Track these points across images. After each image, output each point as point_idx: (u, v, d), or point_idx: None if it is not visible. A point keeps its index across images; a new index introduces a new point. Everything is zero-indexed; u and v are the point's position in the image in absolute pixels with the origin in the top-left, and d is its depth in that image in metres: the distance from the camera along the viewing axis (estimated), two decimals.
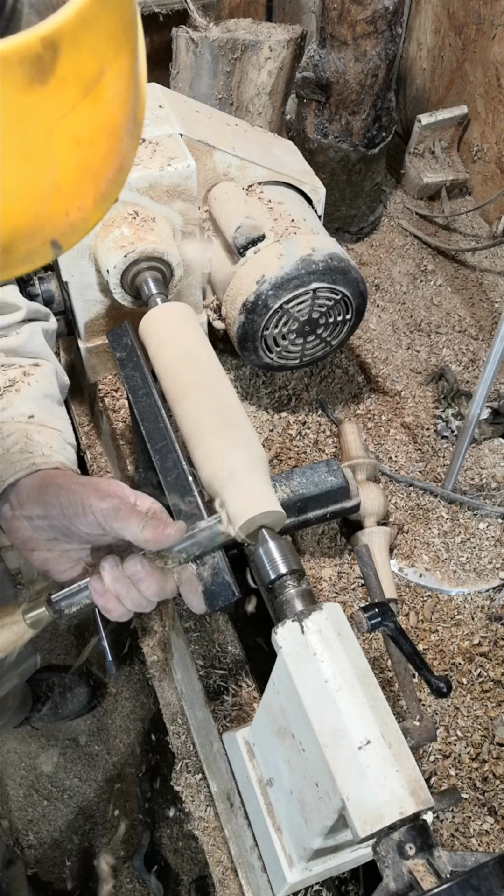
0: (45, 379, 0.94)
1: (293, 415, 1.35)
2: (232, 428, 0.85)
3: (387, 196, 1.88)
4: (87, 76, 0.34)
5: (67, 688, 2.03)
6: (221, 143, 1.21)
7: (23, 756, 2.01)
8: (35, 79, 0.32)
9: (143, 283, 1.06)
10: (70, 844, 1.85)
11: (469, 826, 0.98)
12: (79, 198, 0.38)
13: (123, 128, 0.39)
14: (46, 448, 0.84)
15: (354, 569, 1.18)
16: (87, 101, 0.35)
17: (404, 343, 1.56)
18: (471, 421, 1.17)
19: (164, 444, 0.86)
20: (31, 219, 0.36)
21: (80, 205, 0.38)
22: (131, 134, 0.40)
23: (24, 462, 0.81)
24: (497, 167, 1.76)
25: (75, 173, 0.37)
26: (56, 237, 0.38)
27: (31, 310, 1.00)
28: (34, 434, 0.86)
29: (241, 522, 0.75)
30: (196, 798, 1.07)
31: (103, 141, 0.37)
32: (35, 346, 0.97)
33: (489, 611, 1.16)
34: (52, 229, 0.37)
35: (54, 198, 0.36)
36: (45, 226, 0.37)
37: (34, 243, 0.37)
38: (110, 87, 0.36)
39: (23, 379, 0.92)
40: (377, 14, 1.38)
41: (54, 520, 0.75)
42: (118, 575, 0.73)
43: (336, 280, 1.18)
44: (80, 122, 0.35)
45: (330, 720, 0.66)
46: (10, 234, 0.35)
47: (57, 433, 0.89)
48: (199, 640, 1.07)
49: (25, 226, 0.36)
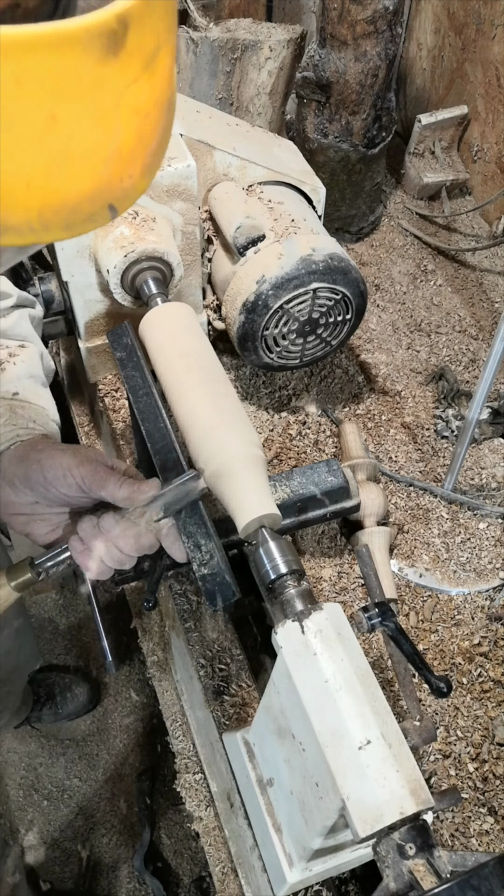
0: (30, 360, 0.98)
1: (293, 415, 1.35)
2: (232, 428, 0.85)
3: (387, 196, 1.88)
4: (148, 51, 0.39)
5: (67, 688, 2.03)
6: (221, 143, 1.21)
7: (23, 756, 2.01)
8: (109, 51, 0.36)
9: (144, 283, 1.06)
10: (70, 844, 1.85)
11: (469, 826, 0.98)
12: (132, 165, 0.42)
13: (169, 103, 0.44)
14: (30, 422, 0.88)
15: (354, 569, 1.18)
16: (147, 74, 0.39)
17: (404, 343, 1.56)
18: (471, 421, 1.17)
19: (164, 444, 0.86)
20: (96, 181, 0.40)
21: (132, 172, 0.42)
22: (171, 111, 0.45)
23: (7, 434, 0.85)
24: (497, 167, 1.76)
25: (133, 141, 0.41)
26: (112, 201, 0.42)
27: (20, 297, 1.04)
28: (18, 409, 0.90)
29: (244, 523, 0.76)
30: (196, 798, 1.07)
31: (155, 113, 0.42)
32: (22, 329, 1.02)
33: (489, 611, 1.16)
34: (110, 194, 0.41)
35: (115, 163, 0.40)
36: (105, 189, 0.41)
37: (96, 205, 0.41)
38: (163, 63, 0.40)
39: (8, 359, 0.97)
40: (377, 14, 1.38)
41: (35, 483, 0.79)
42: (95, 532, 0.78)
43: (336, 280, 1.18)
44: (140, 93, 0.40)
45: (330, 720, 0.66)
46: (79, 195, 0.40)
47: (42, 409, 0.93)
48: (199, 640, 1.07)
49: (91, 188, 0.40)
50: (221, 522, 0.86)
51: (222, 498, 0.79)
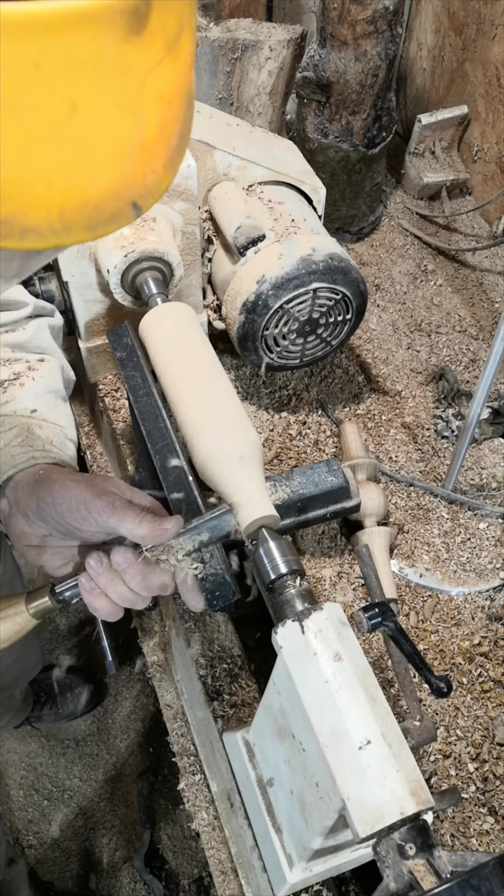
0: (49, 374, 0.95)
1: (293, 415, 1.35)
2: (232, 429, 0.85)
3: (387, 196, 1.88)
4: (171, 32, 0.36)
5: (68, 688, 2.03)
6: (222, 142, 1.21)
7: (23, 756, 2.01)
8: (132, 30, 0.34)
9: (144, 283, 1.06)
10: (70, 844, 1.85)
11: (469, 826, 0.98)
12: (155, 159, 0.39)
13: (190, 91, 0.41)
14: (47, 443, 0.84)
15: (354, 569, 1.18)
16: (170, 57, 0.37)
17: (404, 343, 1.56)
18: (471, 421, 1.17)
19: (165, 444, 0.86)
20: (120, 176, 0.37)
21: (155, 167, 0.39)
22: (192, 101, 0.43)
23: (23, 455, 0.81)
24: (497, 167, 1.76)
25: (157, 131, 0.38)
26: (136, 198, 0.39)
27: (37, 306, 1.00)
28: (35, 429, 0.86)
29: (247, 524, 0.75)
30: (196, 798, 1.07)
31: (178, 100, 0.39)
32: (41, 341, 0.98)
33: (489, 611, 1.16)
34: (134, 190, 0.39)
35: (139, 156, 0.38)
36: (128, 185, 0.38)
37: (119, 203, 0.38)
38: (186, 46, 0.38)
39: (27, 373, 0.93)
40: (377, 14, 1.38)
41: (48, 515, 0.75)
42: (102, 569, 0.73)
43: (336, 280, 1.18)
44: (163, 77, 0.37)
45: (330, 720, 0.65)
46: (102, 192, 0.37)
47: (59, 428, 0.89)
48: (199, 640, 1.07)
49: (115, 183, 0.37)
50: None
51: (224, 498, 0.79)
